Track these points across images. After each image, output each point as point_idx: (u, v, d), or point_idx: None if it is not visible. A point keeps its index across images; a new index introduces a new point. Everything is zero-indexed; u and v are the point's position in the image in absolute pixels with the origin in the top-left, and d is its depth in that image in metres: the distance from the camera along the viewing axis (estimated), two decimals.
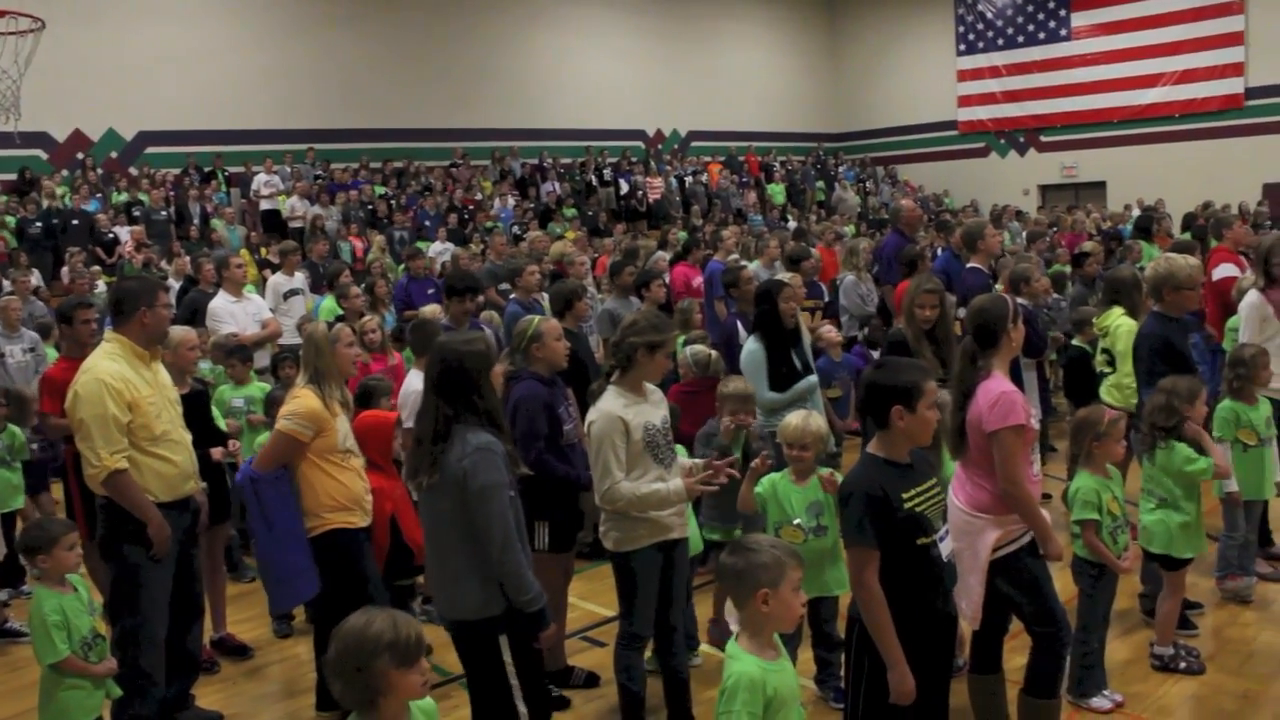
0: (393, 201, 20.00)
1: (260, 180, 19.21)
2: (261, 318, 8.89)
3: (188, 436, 5.01)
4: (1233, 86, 24.23)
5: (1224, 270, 8.53)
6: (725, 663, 2.97)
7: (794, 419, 4.86)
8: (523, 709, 3.90)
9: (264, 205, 19.14)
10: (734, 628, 3.09)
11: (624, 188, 23.23)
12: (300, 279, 11.23)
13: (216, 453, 5.87)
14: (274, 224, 18.74)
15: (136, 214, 17.24)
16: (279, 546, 4.85)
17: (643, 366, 4.48)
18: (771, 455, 5.17)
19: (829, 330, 8.16)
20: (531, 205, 21.26)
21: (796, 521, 4.73)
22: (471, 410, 3.83)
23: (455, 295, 7.31)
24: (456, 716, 5.01)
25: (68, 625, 4.17)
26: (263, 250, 16.65)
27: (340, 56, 21.40)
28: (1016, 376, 6.80)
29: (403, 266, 14.03)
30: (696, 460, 4.80)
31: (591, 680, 5.50)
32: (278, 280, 11.00)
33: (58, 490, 6.82)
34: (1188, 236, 12.52)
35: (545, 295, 8.75)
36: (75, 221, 16.26)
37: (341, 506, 4.94)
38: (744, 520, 5.48)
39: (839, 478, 4.64)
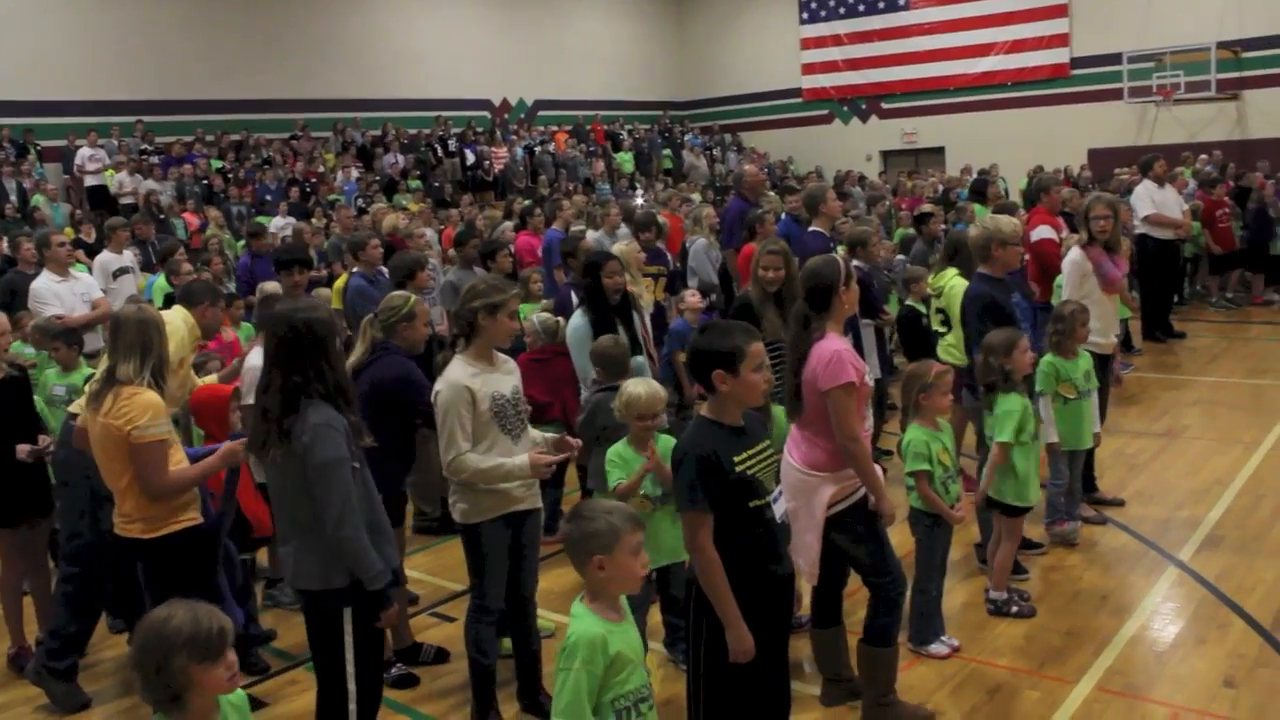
0: (230, 176, 19.28)
1: (84, 154, 18.22)
2: (91, 297, 8.46)
3: None
4: (1059, 56, 25.19)
5: (1041, 232, 8.91)
6: (570, 622, 2.96)
7: (639, 389, 4.76)
8: (352, 687, 3.83)
9: (89, 181, 18.19)
10: None
11: (470, 158, 22.90)
12: (129, 256, 10.75)
13: (22, 450, 5.27)
14: (102, 200, 17.85)
15: None
16: None
17: (486, 331, 4.41)
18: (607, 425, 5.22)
19: (692, 296, 8.20)
20: (376, 178, 20.79)
21: (643, 492, 4.73)
22: (320, 379, 3.72)
23: (283, 268, 7.14)
24: (304, 701, 4.89)
25: None
26: (82, 229, 15.80)
27: (169, 23, 20.35)
28: (856, 337, 6.98)
29: (243, 243, 13.58)
30: (549, 434, 4.76)
31: (441, 656, 5.46)
32: (106, 258, 10.51)
33: None
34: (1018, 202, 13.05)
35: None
36: None
37: (188, 503, 4.64)
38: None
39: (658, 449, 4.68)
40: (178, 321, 5.52)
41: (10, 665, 5.65)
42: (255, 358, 5.79)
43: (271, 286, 7.89)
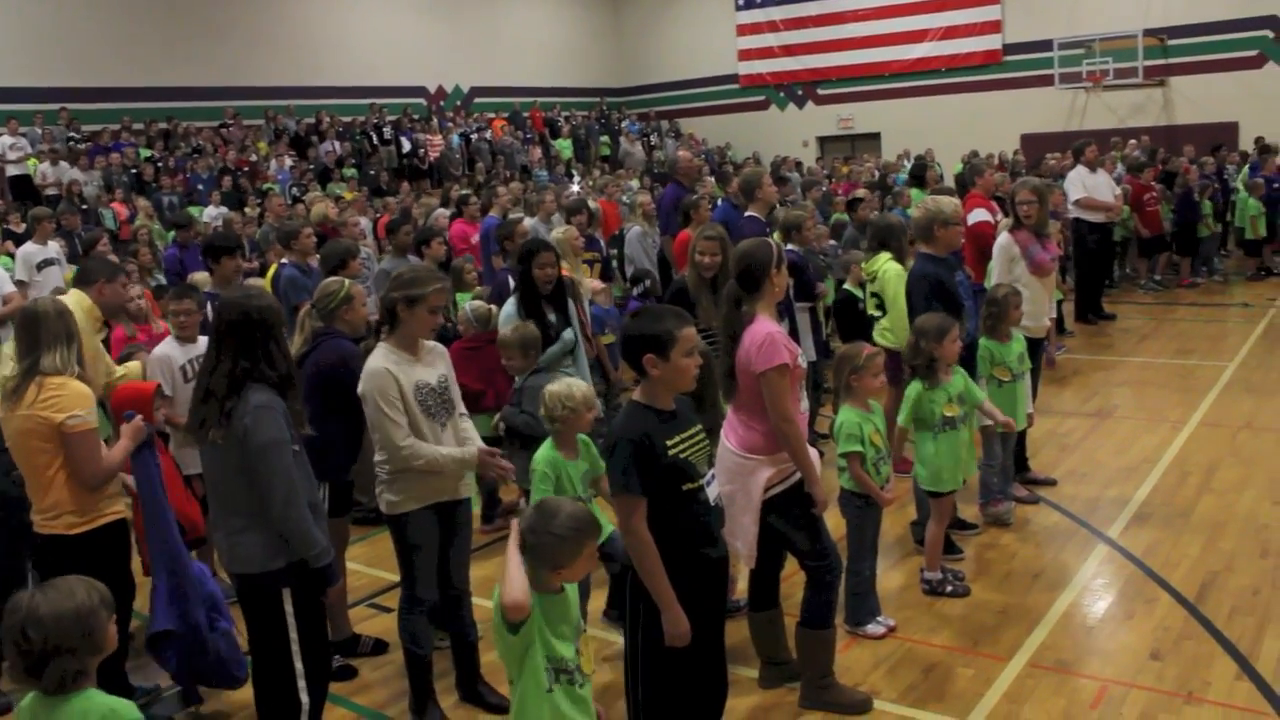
0: (160, 165, 18.89)
1: (4, 143, 17.71)
2: (3, 292, 8.23)
3: None
4: (992, 43, 25.50)
5: (976, 215, 9.01)
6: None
7: (557, 389, 4.65)
8: (300, 666, 3.85)
9: (11, 170, 17.70)
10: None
11: (405, 146, 22.66)
12: (55, 248, 10.51)
13: None
14: (25, 190, 17.40)
15: None
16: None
17: (405, 322, 4.36)
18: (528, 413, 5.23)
19: (592, 280, 8.18)
20: (310, 166, 20.49)
21: (578, 497, 4.70)
22: (270, 365, 3.75)
23: (212, 256, 7.04)
24: (242, 693, 4.82)
25: None
26: (12, 220, 15.43)
27: (95, 7, 19.87)
28: (792, 321, 7.02)
29: (171, 234, 13.32)
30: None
31: (380, 647, 5.43)
32: (29, 250, 10.29)
33: None
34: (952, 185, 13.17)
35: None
36: None
37: (114, 495, 4.55)
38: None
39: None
40: (72, 305, 5.38)
41: None
42: (165, 348, 5.79)
43: (201, 278, 7.76)
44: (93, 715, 2.68)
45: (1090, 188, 12.43)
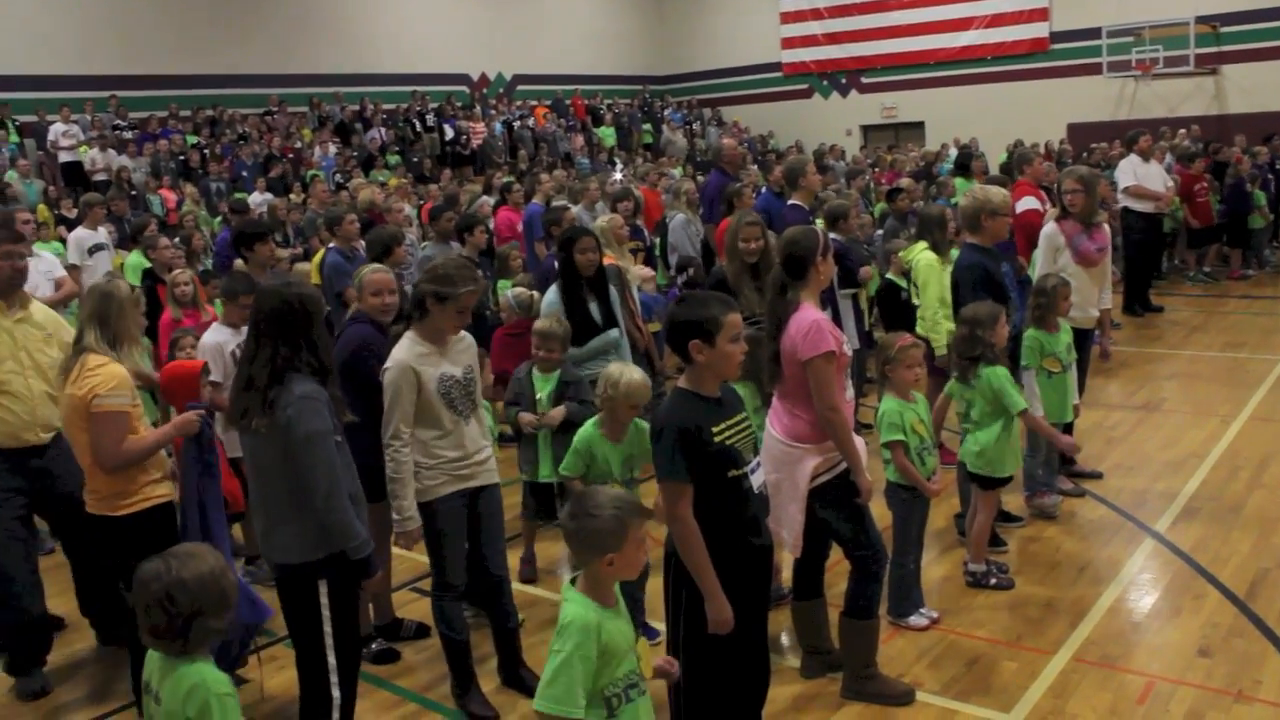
0: (206, 151, 19.09)
1: (58, 130, 17.97)
2: (54, 276, 8.33)
3: (40, 386, 4.90)
4: (1038, 30, 25.19)
5: (1026, 203, 8.90)
6: (563, 605, 2.91)
7: (612, 371, 4.78)
8: (333, 660, 3.84)
9: (64, 157, 17.96)
10: (566, 574, 3.03)
11: (448, 133, 22.74)
12: (105, 233, 10.64)
13: None
14: (76, 177, 17.65)
15: None
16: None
17: (434, 316, 4.37)
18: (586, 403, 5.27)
19: (640, 268, 8.17)
20: (354, 153, 20.63)
21: (614, 476, 4.77)
22: (311, 353, 3.73)
23: (246, 245, 7.07)
24: (284, 677, 4.89)
25: None
26: (64, 205, 15.68)
27: None
28: (834, 308, 6.98)
29: (219, 219, 13.47)
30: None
31: (422, 631, 5.44)
32: (81, 235, 10.43)
33: None
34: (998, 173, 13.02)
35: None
36: None
37: (158, 479, 4.58)
38: (552, 460, 5.47)
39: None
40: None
41: None
42: (212, 335, 5.83)
43: (240, 264, 7.82)
44: (194, 678, 2.78)
45: (1142, 178, 12.24)
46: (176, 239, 9.99)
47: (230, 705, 2.79)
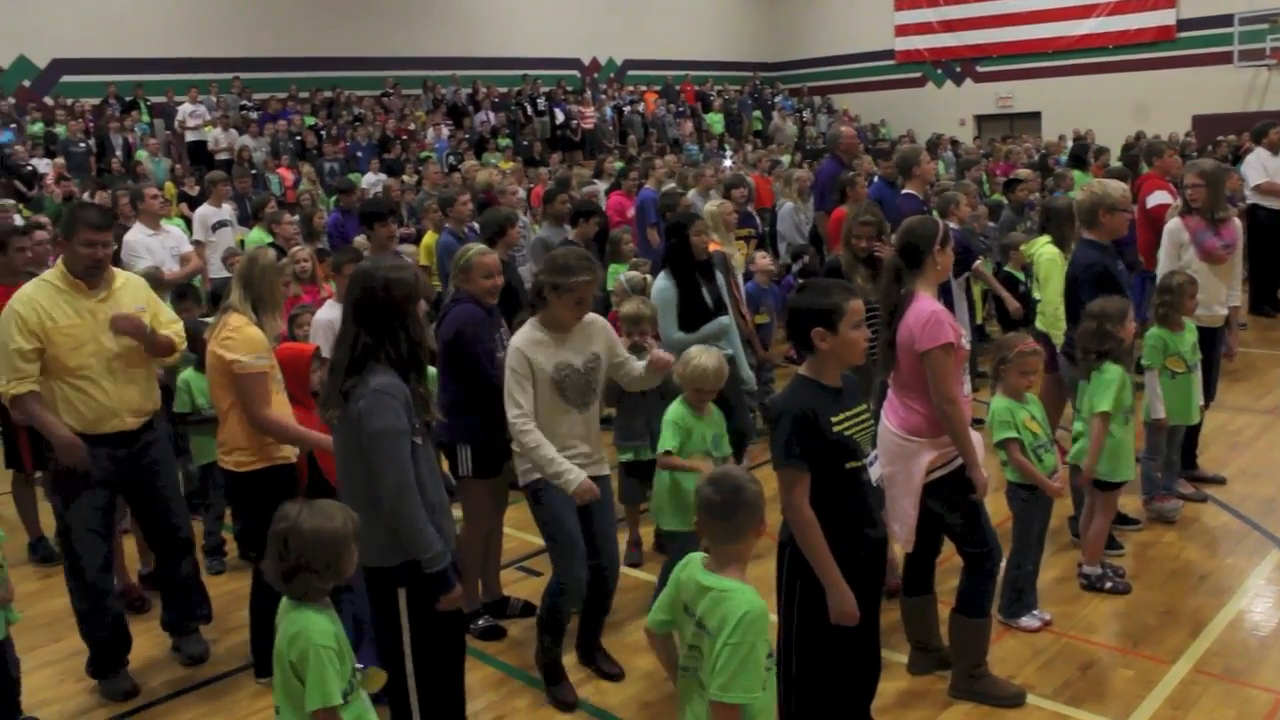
0: (323, 132, 19.53)
1: (185, 110, 18.62)
2: (180, 251, 8.61)
3: (125, 370, 4.76)
4: (1164, 18, 24.37)
5: (1157, 198, 8.61)
6: (726, 595, 2.87)
7: (708, 361, 4.78)
8: (410, 667, 3.60)
9: (190, 137, 18.58)
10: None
11: (559, 118, 22.89)
12: (228, 210, 10.95)
13: None
14: (200, 155, 18.24)
15: (54, 146, 16.67)
16: None
17: (552, 306, 4.36)
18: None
19: (762, 257, 8.13)
20: (466, 135, 20.89)
21: (707, 450, 4.77)
22: (393, 342, 3.47)
23: (368, 223, 7.20)
24: None
25: None
26: (187, 183, 16.20)
27: None
28: (947, 299, 6.85)
29: (334, 199, 13.74)
30: None
31: (528, 610, 5.46)
32: (205, 211, 10.74)
33: None
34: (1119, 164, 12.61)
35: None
36: None
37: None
38: (650, 438, 5.47)
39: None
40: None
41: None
42: (327, 311, 5.90)
43: (360, 242, 7.98)
44: (300, 624, 2.90)
45: (1272, 172, 11.74)
46: (296, 216, 10.23)
47: (327, 658, 2.83)
